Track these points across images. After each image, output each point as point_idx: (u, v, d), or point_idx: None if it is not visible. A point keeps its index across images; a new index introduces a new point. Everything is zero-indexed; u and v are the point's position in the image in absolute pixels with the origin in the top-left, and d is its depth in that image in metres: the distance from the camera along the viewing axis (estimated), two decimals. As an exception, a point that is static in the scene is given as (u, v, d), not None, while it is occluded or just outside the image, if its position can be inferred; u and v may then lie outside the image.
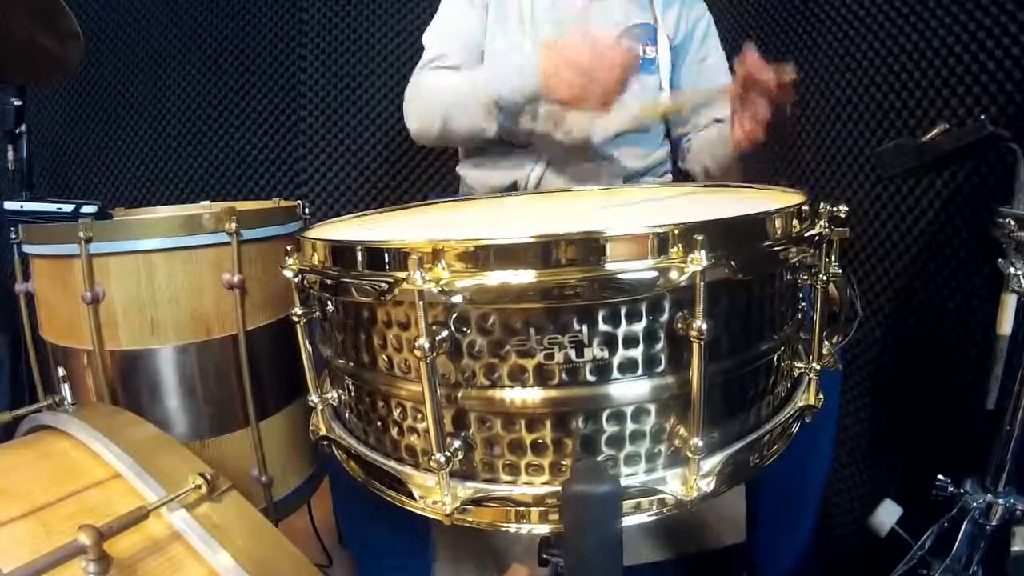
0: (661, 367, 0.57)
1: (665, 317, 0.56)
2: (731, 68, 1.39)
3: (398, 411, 0.64)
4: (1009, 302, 0.88)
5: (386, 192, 2.11)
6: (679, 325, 0.55)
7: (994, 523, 0.95)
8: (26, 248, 1.06)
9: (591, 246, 0.53)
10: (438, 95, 1.26)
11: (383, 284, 0.57)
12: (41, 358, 1.13)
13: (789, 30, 1.63)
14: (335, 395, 0.75)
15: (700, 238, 0.52)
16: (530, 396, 0.57)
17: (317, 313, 0.71)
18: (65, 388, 0.88)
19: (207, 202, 1.49)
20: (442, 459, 0.57)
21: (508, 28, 1.33)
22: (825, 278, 0.68)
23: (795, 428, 0.71)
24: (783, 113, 1.09)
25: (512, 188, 1.36)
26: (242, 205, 1.25)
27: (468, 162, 1.45)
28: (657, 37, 1.33)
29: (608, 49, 1.02)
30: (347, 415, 0.73)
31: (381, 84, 2.05)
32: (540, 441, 0.58)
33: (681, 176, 1.49)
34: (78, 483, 0.71)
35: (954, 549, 0.97)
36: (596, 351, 0.55)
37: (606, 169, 1.34)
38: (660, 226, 0.53)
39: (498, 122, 1.19)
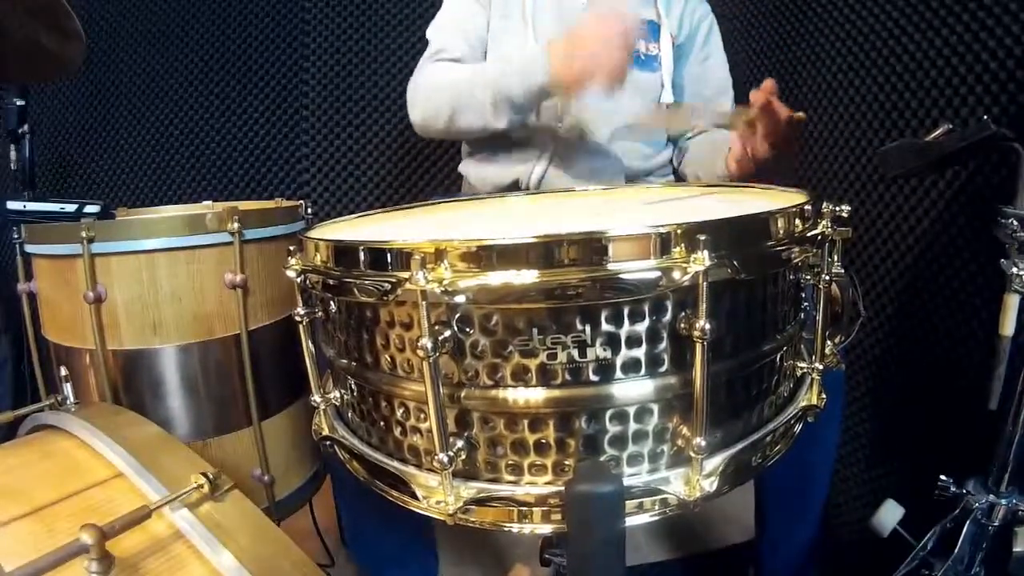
0: (664, 367, 0.57)
1: (668, 317, 0.55)
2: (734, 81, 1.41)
3: (401, 411, 0.64)
4: (1012, 302, 0.88)
5: (388, 192, 2.11)
6: (682, 325, 0.55)
7: (996, 523, 0.95)
8: (28, 248, 1.06)
9: (593, 246, 0.53)
10: (445, 88, 1.25)
11: (386, 284, 0.56)
12: (43, 358, 1.13)
13: (792, 30, 1.62)
14: (338, 395, 0.74)
15: (703, 238, 0.52)
16: (533, 396, 0.57)
17: (320, 313, 0.71)
18: (67, 388, 0.89)
19: (209, 202, 1.50)
20: (445, 459, 0.57)
21: (510, 26, 1.33)
22: (828, 278, 0.68)
23: (798, 428, 0.71)
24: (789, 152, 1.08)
25: (514, 186, 1.36)
26: (244, 205, 1.26)
27: (470, 161, 1.45)
28: (660, 34, 1.33)
29: (610, 21, 1.03)
30: (350, 415, 0.73)
31: (384, 84, 2.05)
32: (543, 441, 0.58)
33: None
34: (80, 482, 0.71)
35: (956, 550, 0.97)
36: (599, 351, 0.55)
37: (609, 168, 1.34)
38: (662, 226, 0.53)
39: (507, 118, 1.19)
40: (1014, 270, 0.86)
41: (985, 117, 0.88)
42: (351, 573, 1.45)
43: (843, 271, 0.71)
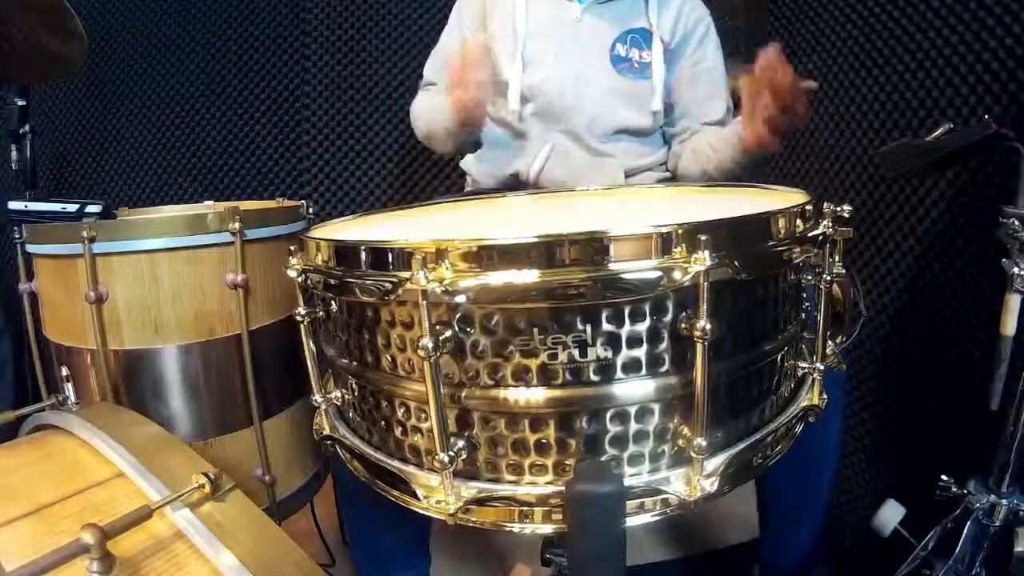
0: (665, 367, 0.57)
1: (669, 317, 0.55)
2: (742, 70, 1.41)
3: (402, 411, 0.64)
4: (1013, 303, 0.88)
5: (390, 192, 2.11)
6: (683, 325, 0.55)
7: (997, 524, 0.95)
8: (30, 248, 1.06)
9: (595, 246, 0.53)
10: (421, 118, 1.43)
11: (387, 284, 0.56)
12: (45, 357, 1.14)
13: (793, 30, 1.62)
14: (339, 395, 0.74)
15: (704, 238, 0.52)
16: (534, 396, 0.57)
17: (321, 313, 0.71)
18: (69, 387, 0.89)
19: (211, 202, 1.50)
20: (446, 459, 0.57)
21: (504, 51, 1.34)
22: (829, 278, 0.68)
23: (798, 428, 0.71)
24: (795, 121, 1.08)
25: (514, 178, 1.38)
26: (246, 205, 1.26)
27: (472, 156, 1.49)
28: (652, 42, 1.34)
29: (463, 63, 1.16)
30: (351, 415, 0.73)
31: (385, 84, 2.05)
32: (544, 441, 0.58)
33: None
34: (82, 482, 0.71)
35: (957, 550, 0.97)
36: (600, 351, 0.55)
37: (607, 163, 1.35)
38: (664, 226, 0.53)
39: (457, 142, 1.36)
40: (1015, 270, 0.86)
41: (987, 116, 0.88)
42: (352, 573, 1.45)
43: (844, 271, 0.71)
